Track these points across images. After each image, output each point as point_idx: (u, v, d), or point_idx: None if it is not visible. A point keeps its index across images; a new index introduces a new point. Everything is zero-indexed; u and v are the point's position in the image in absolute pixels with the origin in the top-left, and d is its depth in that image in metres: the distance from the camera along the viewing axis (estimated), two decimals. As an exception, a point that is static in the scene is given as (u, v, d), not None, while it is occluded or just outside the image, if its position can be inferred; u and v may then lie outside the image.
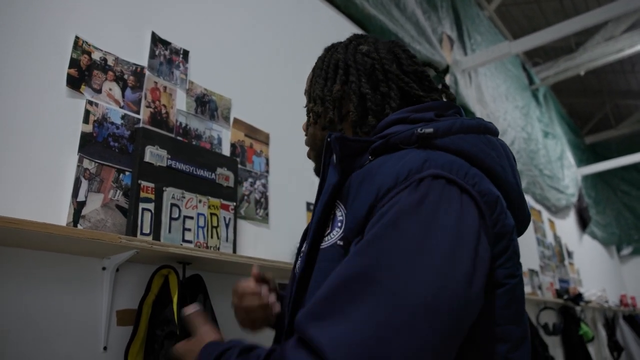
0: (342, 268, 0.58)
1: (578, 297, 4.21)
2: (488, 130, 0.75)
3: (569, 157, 6.40)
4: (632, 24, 5.27)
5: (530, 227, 4.42)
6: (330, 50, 0.90)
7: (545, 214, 5.06)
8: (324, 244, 0.70)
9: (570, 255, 5.36)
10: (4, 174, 1.07)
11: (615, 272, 7.73)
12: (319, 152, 0.87)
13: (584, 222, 6.35)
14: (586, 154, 7.70)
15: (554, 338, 3.85)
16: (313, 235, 0.71)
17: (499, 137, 0.78)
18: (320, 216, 0.71)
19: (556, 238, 5.07)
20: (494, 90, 4.44)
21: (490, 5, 5.08)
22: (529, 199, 4.71)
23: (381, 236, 0.57)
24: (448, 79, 3.46)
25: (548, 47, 6.09)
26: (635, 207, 8.07)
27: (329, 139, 0.72)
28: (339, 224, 0.69)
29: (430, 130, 0.69)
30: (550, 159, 5.43)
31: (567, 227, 5.73)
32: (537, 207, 4.87)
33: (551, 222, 5.14)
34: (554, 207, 5.27)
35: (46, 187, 1.14)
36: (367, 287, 0.54)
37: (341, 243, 0.67)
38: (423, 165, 0.63)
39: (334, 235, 0.69)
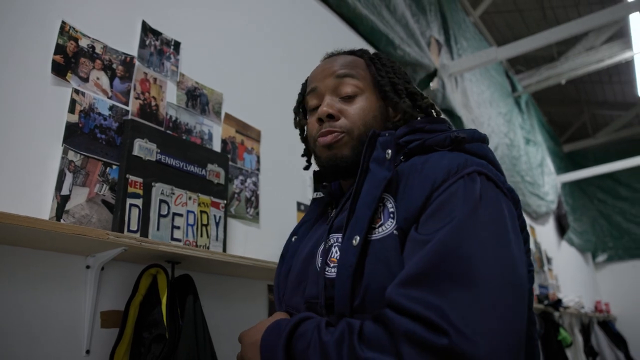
0: (434, 249, 0.61)
1: (558, 303, 4.25)
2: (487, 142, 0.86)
3: (549, 165, 6.49)
4: (612, 35, 5.38)
5: (512, 232, 4.44)
6: (384, 57, 0.96)
7: (527, 220, 5.10)
8: (378, 235, 0.72)
9: (549, 262, 5.42)
10: (-18, 163, 0.99)
11: (591, 278, 7.86)
12: (362, 142, 0.85)
13: (562, 229, 6.44)
14: (564, 162, 7.83)
15: (534, 343, 3.87)
16: (367, 226, 0.72)
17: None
18: (374, 209, 0.72)
19: (536, 244, 5.12)
20: (479, 96, 4.47)
21: (476, 11, 5.12)
22: (510, 205, 4.73)
23: (462, 222, 0.62)
24: (436, 83, 3.46)
25: (530, 56, 6.18)
26: (610, 215, 8.23)
27: (385, 136, 0.78)
28: (391, 215, 0.73)
29: (465, 135, 0.78)
30: (531, 165, 5.49)
31: (546, 234, 5.80)
32: (519, 213, 4.91)
33: (532, 228, 5.18)
34: (534, 214, 5.33)
35: (28, 179, 1.06)
36: (460, 265, 0.59)
37: (397, 233, 0.70)
38: (466, 162, 0.71)
39: (388, 226, 0.72)
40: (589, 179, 7.54)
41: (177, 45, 1.52)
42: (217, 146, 1.56)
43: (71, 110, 1.17)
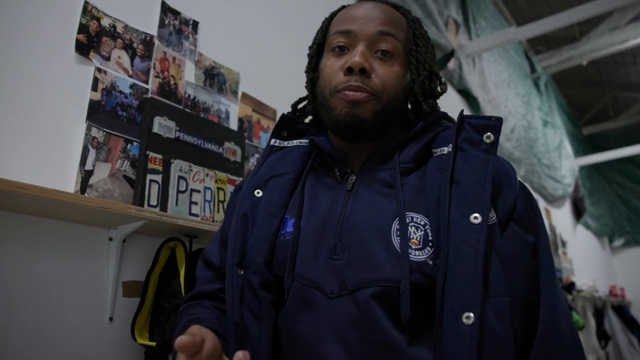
0: (549, 261, 0.73)
1: (571, 286, 4.25)
2: None
3: (567, 147, 6.40)
4: (638, 14, 5.23)
5: (527, 215, 4.43)
6: (422, 26, 0.89)
7: (542, 203, 5.08)
8: (490, 221, 0.70)
9: (564, 245, 5.40)
10: (10, 138, 1.04)
11: (607, 262, 7.80)
12: (386, 110, 0.81)
13: (578, 213, 6.38)
14: (583, 144, 7.71)
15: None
16: (489, 204, 0.70)
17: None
18: (490, 189, 0.71)
19: (551, 227, 5.10)
20: (497, 76, 4.42)
21: (496, -10, 5.02)
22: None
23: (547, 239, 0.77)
24: (453, 63, 3.44)
25: (551, 37, 6.05)
26: (629, 200, 8.11)
27: (489, 120, 0.76)
28: (490, 205, 0.72)
29: None
30: (548, 148, 5.44)
31: (562, 217, 5.76)
32: (534, 195, 4.88)
33: (547, 211, 5.16)
34: (550, 196, 5.29)
35: (53, 154, 1.11)
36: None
37: (496, 221, 0.72)
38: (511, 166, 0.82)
39: (493, 214, 0.72)
40: (608, 162, 7.42)
41: (195, 24, 1.54)
42: (234, 125, 1.59)
43: (94, 88, 1.21)
